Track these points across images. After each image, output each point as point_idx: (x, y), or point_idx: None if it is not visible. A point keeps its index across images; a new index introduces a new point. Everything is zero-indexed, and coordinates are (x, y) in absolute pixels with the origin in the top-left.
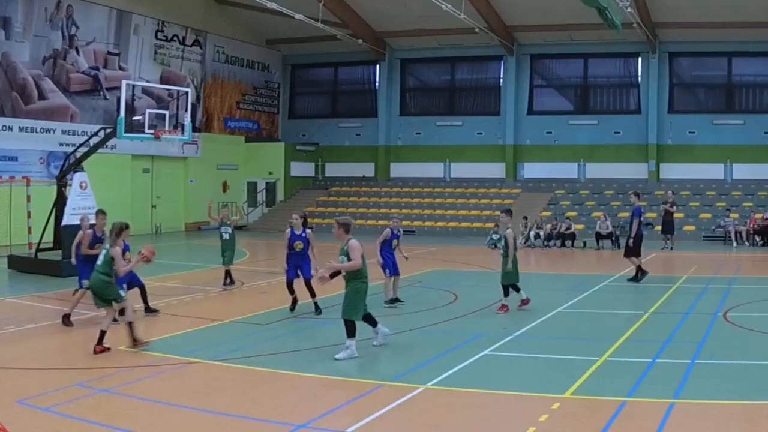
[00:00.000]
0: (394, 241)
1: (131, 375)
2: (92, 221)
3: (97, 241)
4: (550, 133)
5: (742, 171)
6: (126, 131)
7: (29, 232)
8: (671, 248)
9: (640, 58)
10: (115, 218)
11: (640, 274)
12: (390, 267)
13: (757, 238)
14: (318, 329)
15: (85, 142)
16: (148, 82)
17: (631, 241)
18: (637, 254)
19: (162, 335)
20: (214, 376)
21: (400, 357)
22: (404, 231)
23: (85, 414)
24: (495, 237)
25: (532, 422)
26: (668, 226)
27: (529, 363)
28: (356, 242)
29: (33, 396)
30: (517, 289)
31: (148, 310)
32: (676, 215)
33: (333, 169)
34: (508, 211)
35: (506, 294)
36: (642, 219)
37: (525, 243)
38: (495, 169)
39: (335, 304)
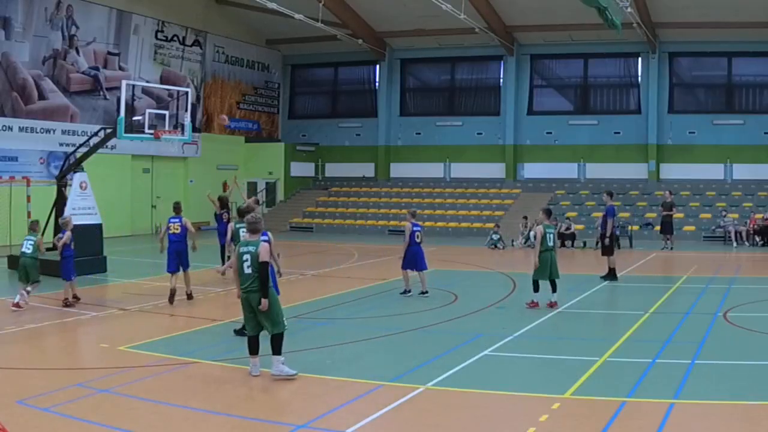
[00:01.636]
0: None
1: (131, 375)
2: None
3: None
4: (550, 133)
5: (742, 171)
6: (126, 131)
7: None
8: (671, 248)
9: (640, 58)
10: (115, 218)
11: (613, 273)
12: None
13: (757, 238)
14: (317, 330)
15: (85, 142)
16: (148, 82)
17: (606, 240)
18: (612, 253)
19: (162, 335)
20: (214, 376)
21: (400, 357)
22: (404, 231)
23: (85, 414)
24: (495, 237)
25: (532, 422)
26: (667, 227)
27: (529, 363)
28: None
29: (33, 396)
30: (536, 289)
31: None
32: (676, 215)
33: (333, 170)
34: (546, 211)
35: (553, 290)
36: (615, 218)
37: (525, 243)
38: (495, 170)
39: (335, 304)
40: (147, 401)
